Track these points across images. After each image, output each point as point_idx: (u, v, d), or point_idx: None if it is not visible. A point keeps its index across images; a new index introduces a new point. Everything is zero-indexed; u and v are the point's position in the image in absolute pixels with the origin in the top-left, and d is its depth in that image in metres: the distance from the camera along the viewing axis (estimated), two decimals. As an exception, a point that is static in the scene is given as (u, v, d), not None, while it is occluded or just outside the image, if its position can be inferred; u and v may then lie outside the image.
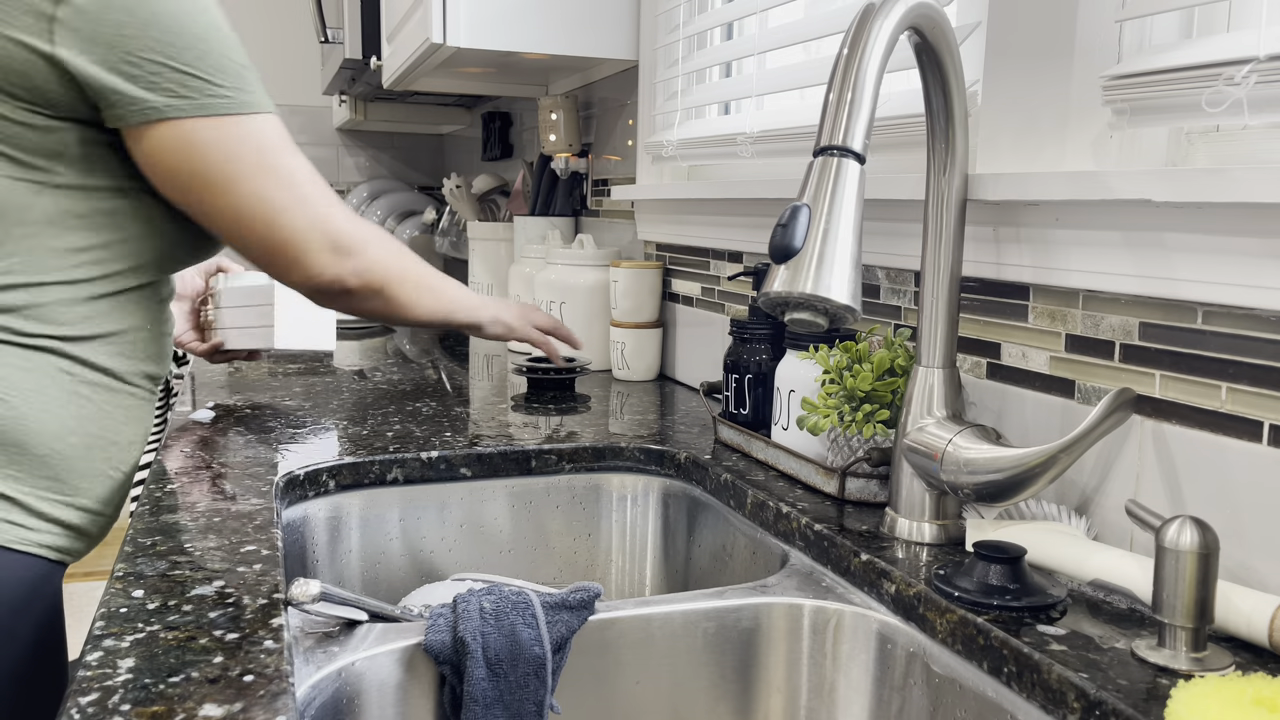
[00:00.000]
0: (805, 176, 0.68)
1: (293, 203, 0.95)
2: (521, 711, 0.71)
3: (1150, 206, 0.72)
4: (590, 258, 1.63)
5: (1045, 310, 0.85)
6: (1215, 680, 0.54)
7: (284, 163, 0.94)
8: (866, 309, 1.09)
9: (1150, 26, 0.79)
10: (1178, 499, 0.73)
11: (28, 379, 0.87)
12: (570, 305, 1.63)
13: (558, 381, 1.43)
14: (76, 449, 0.90)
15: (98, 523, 0.94)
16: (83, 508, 0.91)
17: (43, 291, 0.87)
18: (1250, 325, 0.68)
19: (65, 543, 0.90)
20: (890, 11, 0.70)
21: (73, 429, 0.89)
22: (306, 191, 0.96)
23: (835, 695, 0.79)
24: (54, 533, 0.89)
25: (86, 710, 0.53)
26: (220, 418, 1.21)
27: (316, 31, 2.33)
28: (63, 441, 0.89)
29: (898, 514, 0.83)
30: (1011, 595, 0.69)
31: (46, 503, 0.88)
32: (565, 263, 1.64)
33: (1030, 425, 0.86)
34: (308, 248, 0.97)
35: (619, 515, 1.13)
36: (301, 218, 0.95)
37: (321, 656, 0.67)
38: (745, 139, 1.26)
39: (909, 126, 0.99)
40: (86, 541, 0.94)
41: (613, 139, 1.84)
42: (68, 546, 0.91)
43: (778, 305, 0.68)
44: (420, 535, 1.07)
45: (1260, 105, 0.65)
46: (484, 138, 2.67)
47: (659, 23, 1.56)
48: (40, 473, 0.87)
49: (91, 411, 0.91)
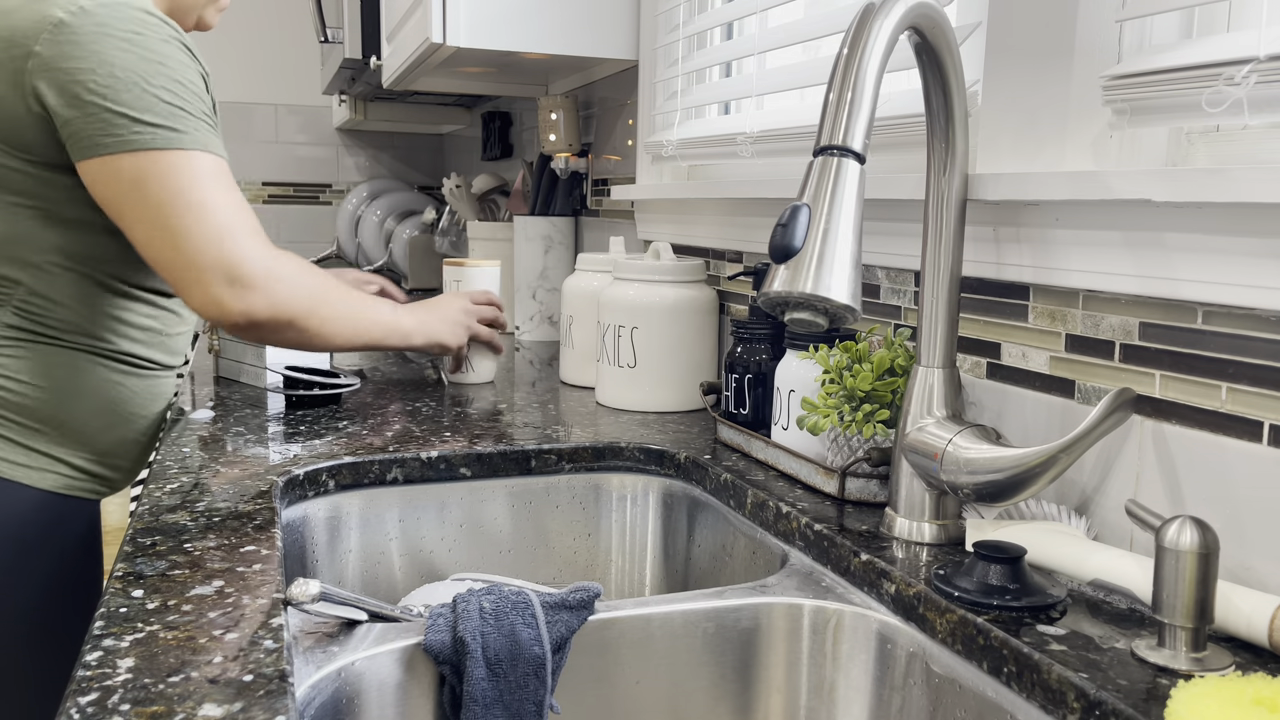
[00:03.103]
0: (805, 176, 0.68)
1: (198, 235, 1.01)
2: (521, 711, 0.71)
3: (1150, 206, 0.72)
4: (670, 272, 1.28)
5: (1045, 310, 0.85)
6: (1215, 680, 0.54)
7: (198, 197, 1.01)
8: (866, 309, 1.09)
9: (1150, 26, 0.79)
10: (1178, 499, 0.73)
11: (63, 371, 1.09)
12: (644, 331, 1.27)
13: (320, 399, 1.29)
14: (105, 424, 1.13)
15: (124, 470, 1.19)
16: (114, 465, 1.16)
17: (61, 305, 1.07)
18: (1250, 325, 0.68)
19: (102, 488, 1.17)
20: (890, 11, 0.70)
21: (102, 409, 1.12)
22: (217, 224, 1.01)
23: (835, 695, 0.79)
24: (93, 483, 1.15)
25: (86, 710, 0.53)
26: (220, 418, 1.21)
27: (316, 31, 2.33)
28: (96, 419, 1.12)
29: (897, 514, 0.83)
30: (1011, 595, 0.69)
31: (84, 460, 1.13)
32: (638, 278, 1.29)
33: (1030, 425, 0.86)
34: (204, 279, 1.02)
35: (619, 515, 1.13)
36: (204, 250, 1.01)
37: (321, 656, 0.67)
38: (745, 139, 1.26)
39: (909, 126, 0.99)
40: (115, 485, 1.19)
41: (613, 139, 1.84)
42: (102, 490, 1.17)
43: (778, 305, 0.68)
44: (420, 535, 1.07)
45: (1260, 105, 0.65)
46: (484, 137, 2.67)
47: (659, 23, 1.57)
48: (78, 440, 1.11)
49: (119, 394, 1.14)
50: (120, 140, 0.99)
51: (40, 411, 1.08)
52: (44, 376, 1.08)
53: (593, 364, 1.43)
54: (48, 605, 1.11)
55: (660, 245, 1.31)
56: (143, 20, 1.01)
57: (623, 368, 1.28)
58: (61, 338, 1.08)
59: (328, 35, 2.30)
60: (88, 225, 1.07)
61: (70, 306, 1.08)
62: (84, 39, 0.98)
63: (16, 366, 1.06)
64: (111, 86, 0.98)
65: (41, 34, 0.98)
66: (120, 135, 0.98)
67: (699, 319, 1.28)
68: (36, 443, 1.08)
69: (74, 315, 1.08)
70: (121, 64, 0.98)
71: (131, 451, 1.18)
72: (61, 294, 1.07)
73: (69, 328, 1.08)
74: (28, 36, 0.98)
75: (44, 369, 1.08)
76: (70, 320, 1.08)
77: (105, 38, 0.98)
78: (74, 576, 1.14)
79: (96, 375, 1.11)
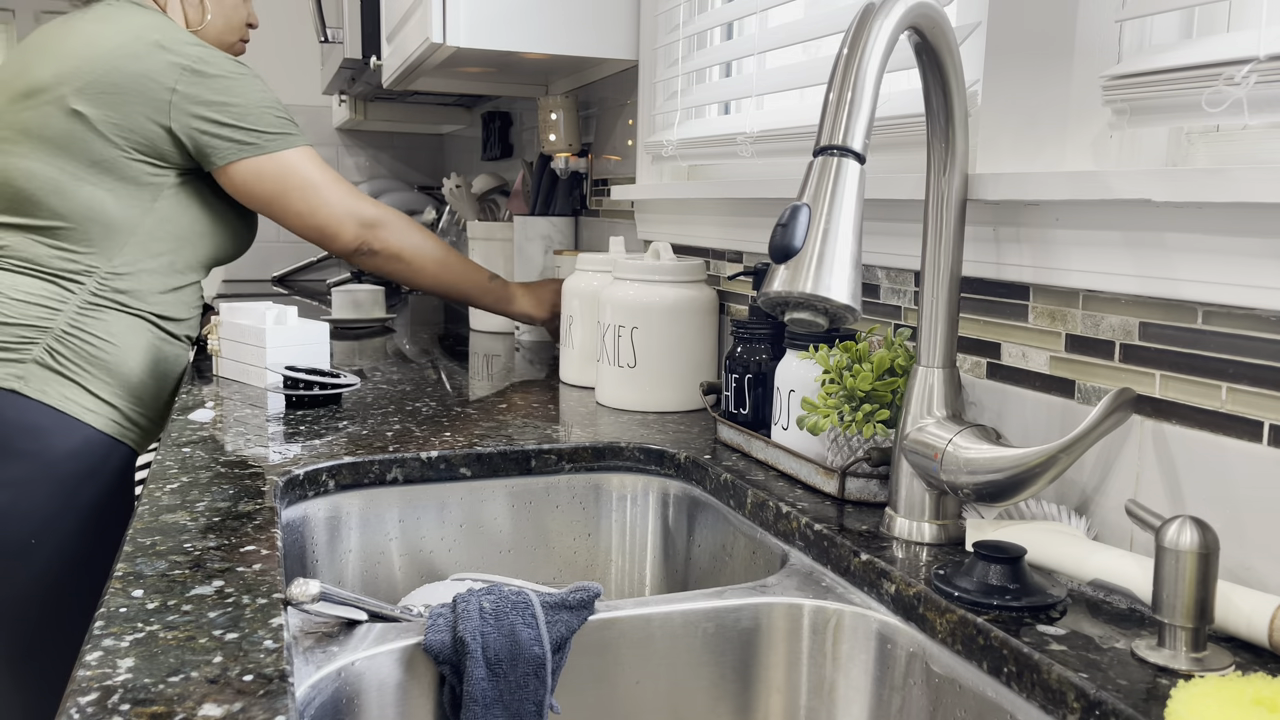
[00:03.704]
0: (805, 176, 0.68)
1: (326, 201, 1.47)
2: (521, 711, 0.71)
3: (1150, 206, 0.72)
4: (670, 272, 1.28)
5: (1045, 310, 0.85)
6: (1215, 680, 0.54)
7: (316, 176, 1.47)
8: (866, 309, 1.09)
9: (1150, 26, 0.79)
10: (1178, 499, 0.73)
11: (128, 335, 1.41)
12: (644, 331, 1.27)
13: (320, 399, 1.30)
14: (150, 380, 1.44)
15: (153, 422, 1.47)
16: (150, 417, 1.45)
17: (140, 279, 1.42)
18: (1250, 325, 0.68)
19: (139, 436, 1.45)
20: (890, 11, 0.70)
21: (150, 369, 1.44)
22: (335, 192, 1.48)
23: (835, 695, 0.79)
24: (136, 430, 1.43)
25: (86, 710, 0.53)
26: (220, 418, 1.21)
27: (316, 31, 2.33)
28: (145, 374, 1.43)
29: (897, 514, 0.83)
30: (1011, 595, 0.69)
31: (133, 411, 1.42)
32: (638, 278, 1.29)
33: (1030, 425, 0.86)
34: (342, 225, 1.48)
35: (619, 515, 1.13)
36: (335, 209, 1.48)
37: (321, 656, 0.67)
38: (745, 139, 1.26)
39: (909, 126, 0.99)
40: (146, 436, 1.47)
41: (613, 139, 1.84)
42: (136, 439, 1.45)
43: (778, 305, 0.68)
44: (420, 535, 1.07)
45: (1260, 105, 0.65)
46: (484, 137, 2.67)
47: (659, 23, 1.56)
48: (131, 392, 1.41)
49: (160, 357, 1.46)
50: (254, 148, 1.42)
51: (108, 364, 1.38)
52: (116, 337, 1.39)
53: (593, 364, 1.43)
54: (85, 532, 1.36)
55: (660, 245, 1.31)
56: (238, 63, 1.43)
57: (623, 368, 1.28)
58: (128, 306, 1.41)
59: (328, 35, 2.30)
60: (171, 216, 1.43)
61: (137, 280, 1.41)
62: (212, 79, 1.39)
63: (94, 326, 1.37)
64: (237, 113, 1.40)
65: (179, 76, 1.37)
66: (253, 144, 1.41)
67: (699, 319, 1.28)
68: (100, 390, 1.37)
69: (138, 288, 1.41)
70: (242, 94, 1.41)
71: (157, 408, 1.46)
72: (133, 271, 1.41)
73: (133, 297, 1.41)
74: (165, 76, 1.36)
75: (116, 331, 1.39)
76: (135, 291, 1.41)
77: (225, 77, 1.40)
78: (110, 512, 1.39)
79: (148, 338, 1.43)
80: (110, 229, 1.38)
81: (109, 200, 1.38)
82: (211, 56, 1.40)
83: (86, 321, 1.37)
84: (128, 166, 1.38)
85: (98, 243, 1.38)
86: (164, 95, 1.36)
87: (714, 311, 1.31)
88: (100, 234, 1.38)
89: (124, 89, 1.35)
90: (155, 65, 1.36)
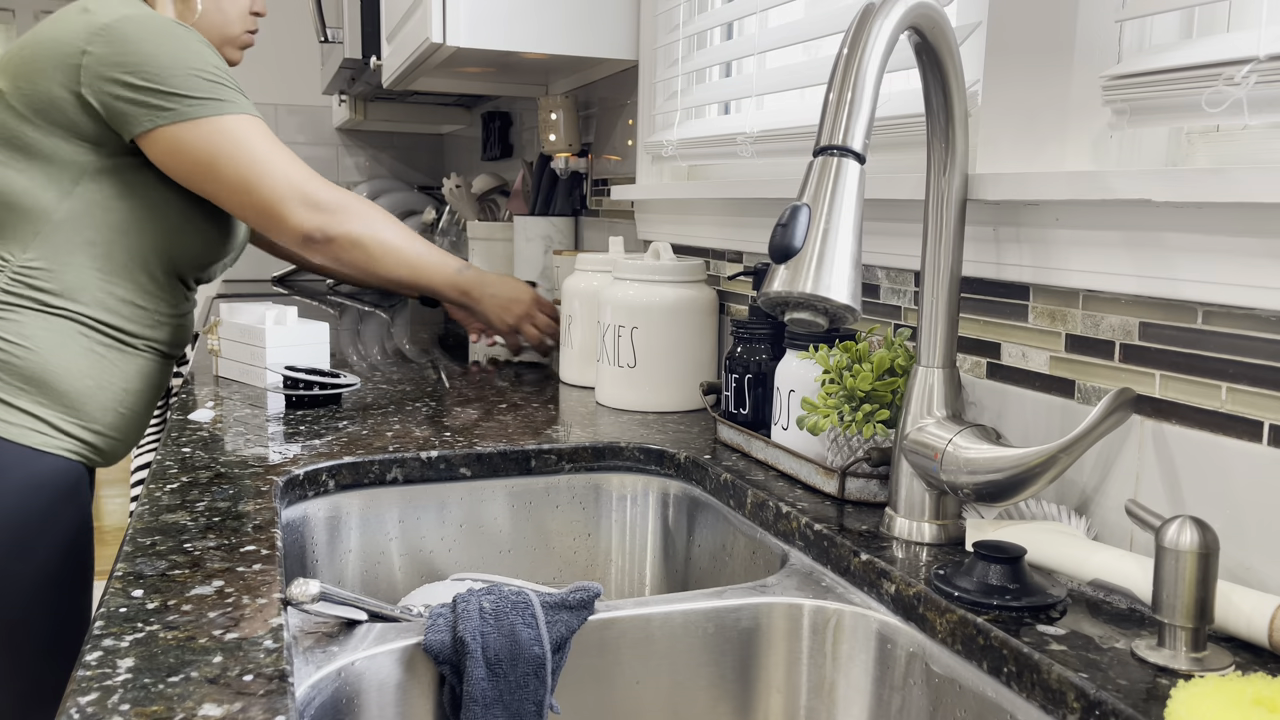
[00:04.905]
0: (805, 176, 0.68)
1: (267, 174, 1.23)
2: (521, 711, 0.71)
3: (1150, 206, 0.72)
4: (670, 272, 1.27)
5: (1045, 310, 0.85)
6: (1215, 680, 0.54)
7: (256, 146, 1.22)
8: (866, 309, 1.09)
9: (1150, 26, 0.79)
10: (1178, 499, 0.73)
11: (50, 336, 1.20)
12: (644, 331, 1.27)
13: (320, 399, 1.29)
14: (90, 388, 1.23)
15: (110, 443, 1.27)
16: (97, 431, 1.24)
17: (66, 275, 1.20)
18: (1250, 325, 0.68)
19: (85, 451, 1.24)
20: (890, 11, 0.70)
21: (86, 373, 1.22)
22: (279, 166, 1.24)
23: (835, 695, 0.79)
24: (74, 444, 1.22)
25: (86, 710, 0.53)
26: (220, 418, 1.21)
27: (316, 31, 2.34)
28: (79, 381, 1.21)
29: (897, 514, 0.83)
30: (1011, 595, 0.69)
31: (66, 423, 1.21)
32: (637, 278, 1.28)
33: (1030, 425, 0.86)
34: (286, 205, 1.24)
35: (619, 515, 1.13)
36: (278, 184, 1.23)
37: (321, 656, 0.67)
38: (745, 139, 1.26)
39: (909, 126, 0.99)
40: (103, 455, 1.27)
41: (613, 139, 1.84)
42: (87, 455, 1.24)
43: (778, 305, 0.68)
44: (420, 535, 1.07)
45: (1260, 105, 0.65)
46: (484, 137, 2.67)
47: (659, 23, 1.56)
48: (61, 401, 1.20)
49: (103, 364, 1.24)
50: (174, 114, 1.19)
51: (20, 369, 1.18)
52: (30, 340, 1.19)
53: (593, 364, 1.43)
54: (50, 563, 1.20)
55: (660, 245, 1.31)
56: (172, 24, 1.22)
57: (622, 368, 1.28)
58: (49, 305, 1.20)
59: (328, 35, 2.30)
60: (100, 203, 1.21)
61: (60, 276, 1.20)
62: (129, 40, 1.17)
63: (5, 329, 1.18)
64: (156, 74, 1.18)
65: (92, 37, 1.17)
66: (174, 109, 1.18)
67: (699, 319, 1.28)
68: (14, 397, 1.18)
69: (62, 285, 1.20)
70: (162, 54, 1.18)
71: (110, 419, 1.26)
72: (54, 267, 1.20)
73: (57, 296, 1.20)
74: (78, 39, 1.17)
75: (30, 333, 1.19)
76: (57, 289, 1.20)
77: (145, 39, 1.18)
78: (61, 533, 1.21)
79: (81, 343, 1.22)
80: (19, 215, 1.19)
81: (19, 181, 1.19)
82: (140, 16, 1.19)
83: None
84: (40, 143, 1.18)
85: (5, 231, 1.19)
86: (74, 59, 1.17)
87: (714, 311, 1.31)
88: (8, 221, 1.19)
89: (38, 57, 1.18)
90: (71, 28, 1.19)
